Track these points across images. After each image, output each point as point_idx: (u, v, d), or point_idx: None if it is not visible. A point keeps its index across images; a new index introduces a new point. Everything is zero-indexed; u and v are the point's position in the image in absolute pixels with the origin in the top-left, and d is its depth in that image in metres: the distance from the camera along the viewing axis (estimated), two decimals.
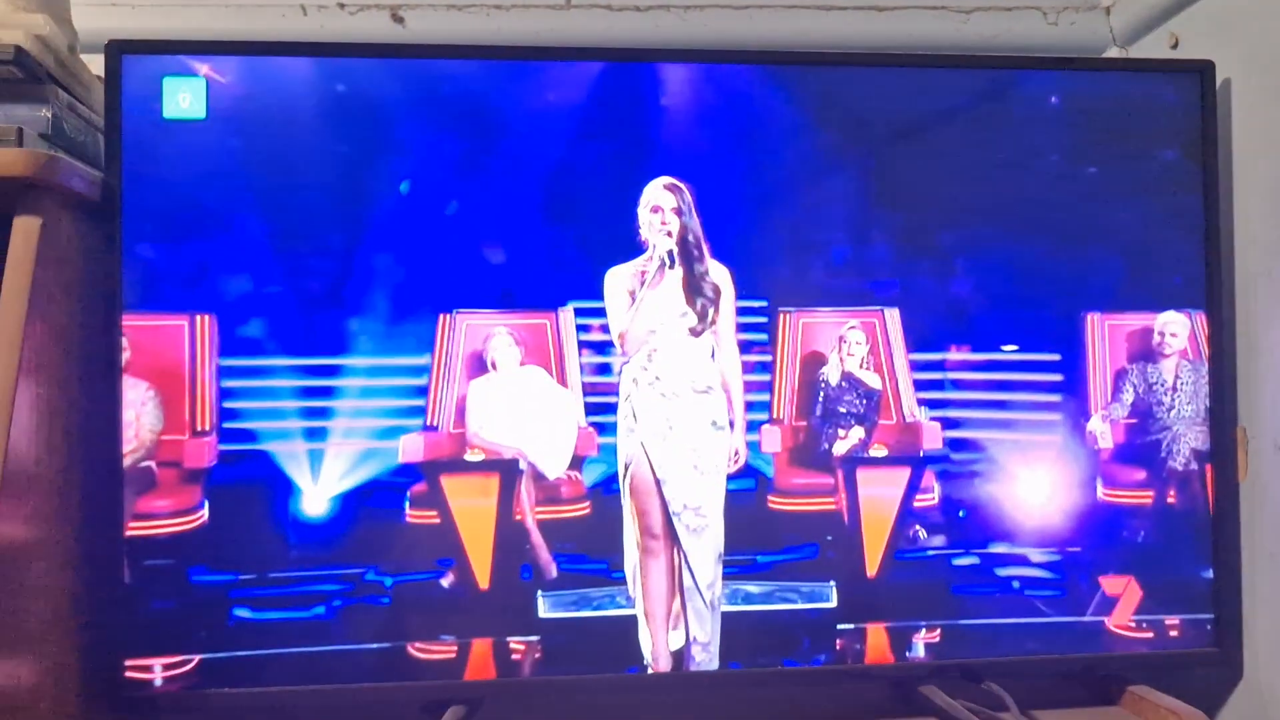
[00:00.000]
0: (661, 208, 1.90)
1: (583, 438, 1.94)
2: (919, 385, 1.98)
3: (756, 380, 1.97)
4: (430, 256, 1.91)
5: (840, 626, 1.94)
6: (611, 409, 1.94)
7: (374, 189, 1.89)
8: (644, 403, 1.92)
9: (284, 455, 1.86)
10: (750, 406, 1.96)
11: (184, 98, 1.79)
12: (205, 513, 1.84)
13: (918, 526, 1.96)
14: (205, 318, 1.84)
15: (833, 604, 1.94)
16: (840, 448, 1.97)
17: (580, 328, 1.94)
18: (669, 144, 1.94)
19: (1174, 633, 1.83)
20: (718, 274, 1.94)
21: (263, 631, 1.85)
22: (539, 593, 1.90)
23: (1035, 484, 1.97)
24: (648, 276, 1.90)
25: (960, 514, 1.97)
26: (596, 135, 1.93)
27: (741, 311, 1.96)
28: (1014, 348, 1.98)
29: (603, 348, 1.95)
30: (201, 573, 1.83)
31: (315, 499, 1.87)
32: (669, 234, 1.89)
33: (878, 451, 1.98)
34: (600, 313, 1.93)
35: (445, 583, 1.89)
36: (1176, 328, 1.92)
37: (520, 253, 1.94)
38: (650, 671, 1.92)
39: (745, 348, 1.97)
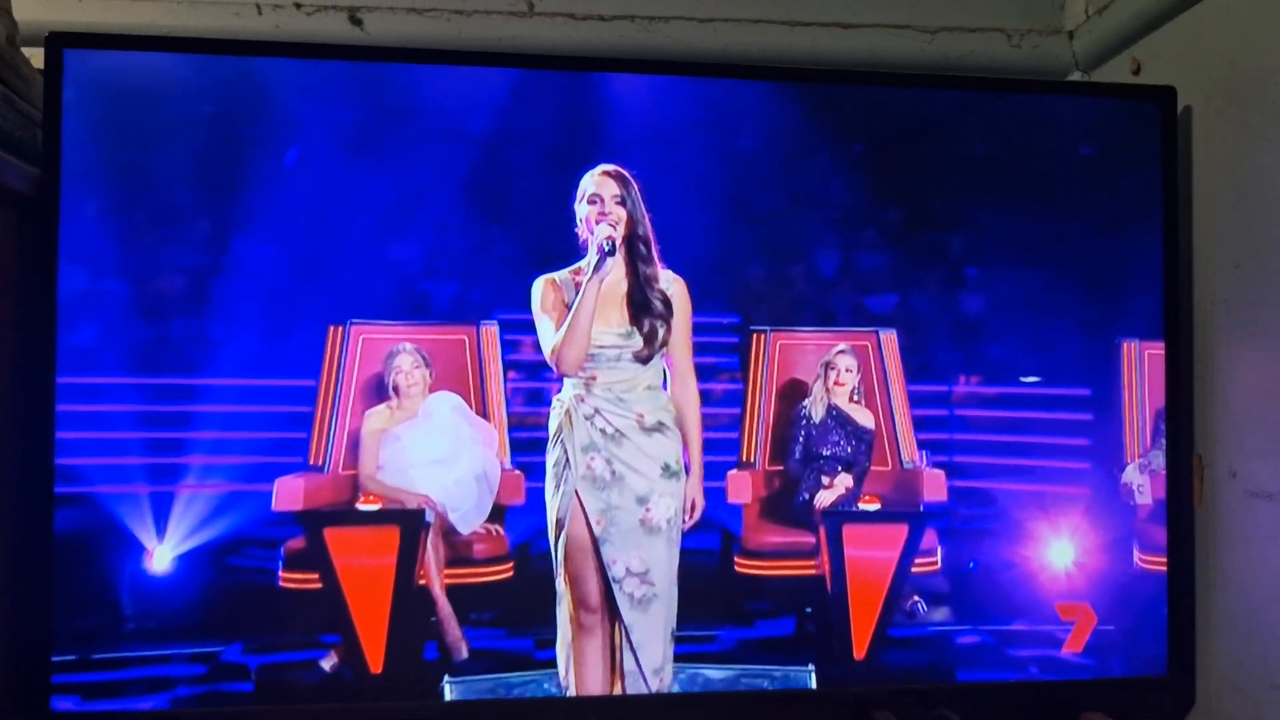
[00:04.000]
0: (601, 197, 1.54)
1: (506, 482, 1.57)
2: (920, 424, 1.65)
3: (723, 414, 1.61)
4: (321, 252, 1.53)
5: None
6: (543, 447, 1.56)
7: (255, 165, 1.51)
8: (579, 442, 1.54)
9: (120, 500, 1.46)
10: (714, 447, 1.60)
11: None
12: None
13: (916, 597, 1.62)
14: None
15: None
16: (824, 499, 1.63)
17: (507, 345, 1.57)
18: (618, 136, 1.58)
19: (1127, 659, 1.62)
20: (670, 285, 1.58)
21: None
22: (445, 679, 1.52)
23: (1059, 547, 1.63)
24: (585, 276, 1.53)
25: (968, 580, 1.62)
26: (534, 119, 1.59)
27: (708, 328, 1.61)
28: (1035, 379, 1.64)
29: (536, 370, 1.58)
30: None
31: (160, 556, 1.48)
32: (611, 224, 1.53)
33: (869, 505, 1.62)
34: (533, 327, 1.56)
35: (327, 665, 1.52)
36: None
37: (434, 251, 1.56)
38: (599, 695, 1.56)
39: (711, 373, 1.61)
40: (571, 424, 1.54)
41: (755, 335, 1.61)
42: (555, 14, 1.80)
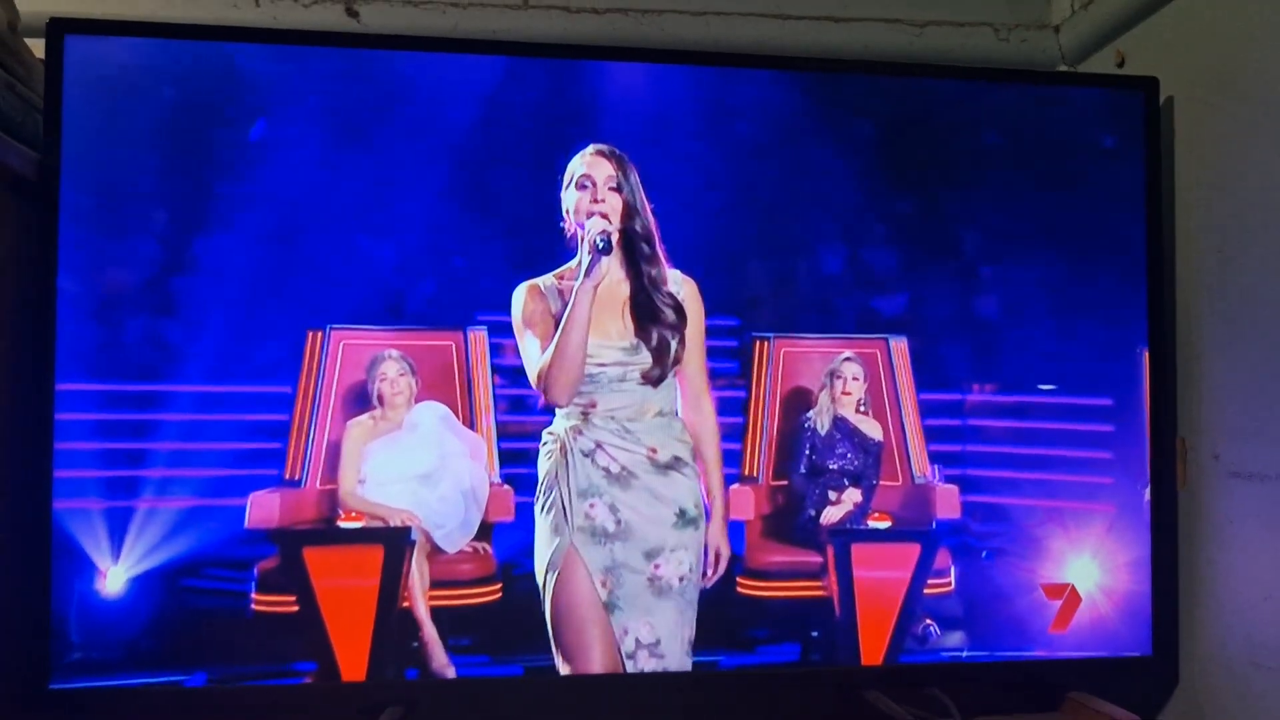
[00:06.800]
0: (593, 180, 1.39)
1: (494, 498, 1.46)
2: (931, 435, 1.56)
3: (723, 424, 1.51)
4: (300, 252, 1.43)
5: None
6: (534, 458, 1.46)
7: (230, 156, 1.41)
8: (576, 485, 1.40)
9: (72, 516, 1.34)
10: None
11: None
12: None
13: (929, 621, 1.52)
14: None
15: None
16: (831, 515, 1.54)
17: (495, 349, 1.47)
18: (612, 126, 1.48)
19: (1113, 639, 1.56)
20: (680, 287, 1.46)
21: None
22: None
23: (1081, 566, 1.54)
24: (576, 278, 1.38)
25: (982, 602, 1.53)
26: (527, 112, 1.50)
27: (707, 331, 1.51)
28: (1052, 388, 1.57)
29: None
30: None
31: (116, 577, 1.36)
32: (604, 215, 1.38)
33: (879, 522, 1.54)
34: None
35: None
36: None
37: (421, 250, 1.47)
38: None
39: (710, 379, 1.51)
40: (567, 463, 1.39)
41: (758, 342, 1.52)
42: (550, 7, 1.80)
